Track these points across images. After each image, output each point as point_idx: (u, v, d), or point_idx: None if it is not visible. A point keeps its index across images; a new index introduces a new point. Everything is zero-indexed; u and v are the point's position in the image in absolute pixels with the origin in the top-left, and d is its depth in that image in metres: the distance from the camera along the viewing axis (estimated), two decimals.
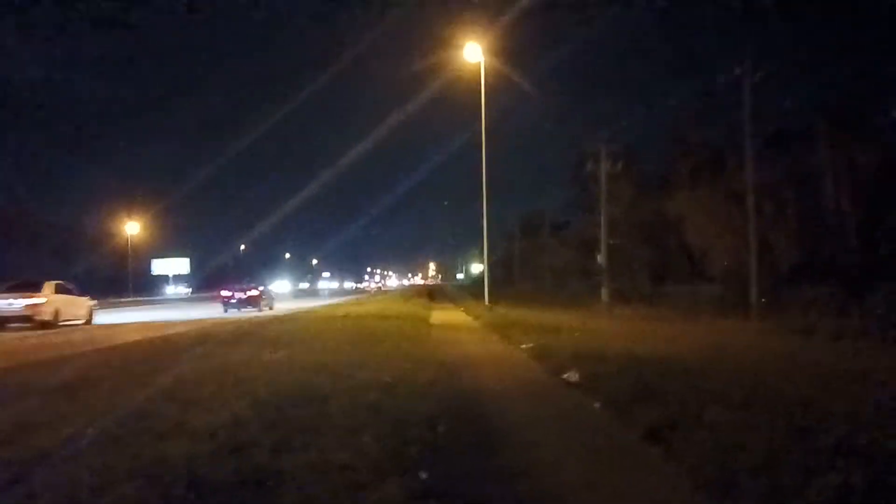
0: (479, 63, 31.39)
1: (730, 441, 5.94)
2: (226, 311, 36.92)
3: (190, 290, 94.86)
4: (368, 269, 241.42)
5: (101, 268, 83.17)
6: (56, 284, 27.02)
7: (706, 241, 32.40)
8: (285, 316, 28.52)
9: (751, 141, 25.12)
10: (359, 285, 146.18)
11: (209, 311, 36.93)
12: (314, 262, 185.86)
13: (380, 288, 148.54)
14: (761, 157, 25.96)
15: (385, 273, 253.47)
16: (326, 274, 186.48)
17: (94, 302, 30.18)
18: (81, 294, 29.11)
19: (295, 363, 11.39)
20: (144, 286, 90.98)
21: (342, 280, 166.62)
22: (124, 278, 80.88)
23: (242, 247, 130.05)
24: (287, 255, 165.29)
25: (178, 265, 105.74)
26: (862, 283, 23.09)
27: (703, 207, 31.73)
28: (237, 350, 13.37)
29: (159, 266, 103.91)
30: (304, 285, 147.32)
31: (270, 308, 39.59)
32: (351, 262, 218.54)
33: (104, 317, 30.87)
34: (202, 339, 16.34)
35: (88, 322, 28.22)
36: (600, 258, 36.21)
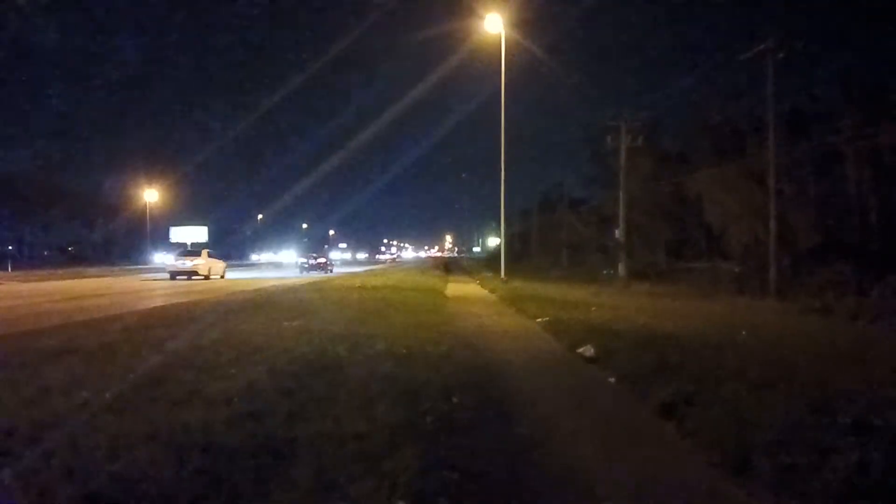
0: (500, 34, 31.16)
1: (745, 418, 5.93)
2: (301, 273, 50.95)
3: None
4: (385, 241, 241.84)
5: (119, 234, 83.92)
6: (208, 252, 40.89)
7: (725, 219, 32.18)
8: (309, 284, 28.68)
9: (774, 119, 24.83)
10: (373, 256, 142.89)
11: (285, 273, 50.46)
12: (331, 232, 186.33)
13: (394, 260, 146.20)
14: (783, 137, 25.68)
15: (401, 245, 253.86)
16: (343, 245, 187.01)
17: (226, 263, 44.44)
18: (220, 258, 43.01)
19: (312, 332, 11.47)
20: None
21: (355, 251, 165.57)
22: (142, 245, 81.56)
23: (260, 217, 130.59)
24: (304, 226, 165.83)
25: (196, 233, 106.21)
26: (881, 264, 22.91)
27: (723, 185, 31.45)
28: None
29: (177, 234, 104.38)
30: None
31: (331, 272, 53.10)
32: (368, 234, 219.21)
33: None
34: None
35: (223, 276, 41.30)
36: (618, 233, 36.08)
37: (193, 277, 38.14)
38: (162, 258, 77.74)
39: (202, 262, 39.05)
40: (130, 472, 4.50)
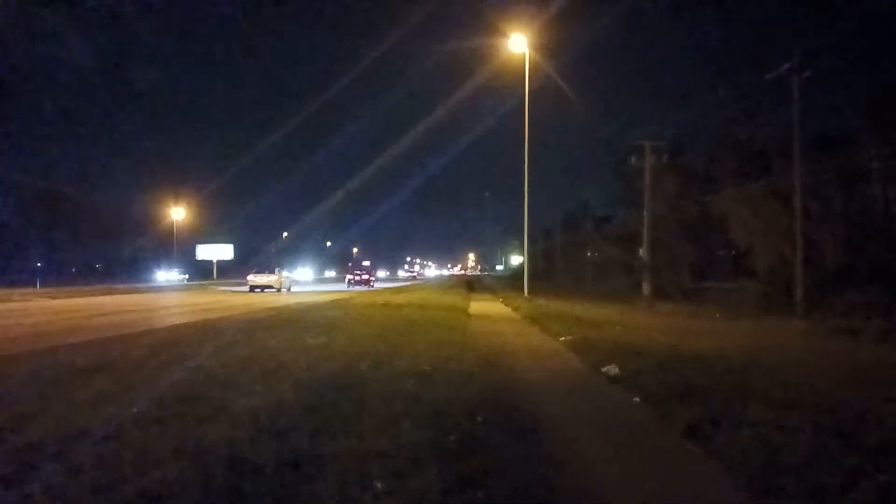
0: (524, 54, 31.29)
1: (772, 440, 5.88)
2: (348, 286, 59.88)
3: (186, 276, 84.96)
4: (408, 259, 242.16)
5: (146, 251, 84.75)
6: (279, 269, 51.88)
7: (750, 238, 31.96)
8: (332, 302, 28.80)
9: (799, 138, 24.69)
10: (393, 273, 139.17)
11: (334, 287, 60.62)
12: (354, 250, 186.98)
13: (414, 277, 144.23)
14: (808, 157, 25.52)
15: (424, 263, 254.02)
16: (366, 262, 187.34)
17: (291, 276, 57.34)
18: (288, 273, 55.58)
19: (335, 349, 11.52)
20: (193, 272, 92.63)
21: (374, 269, 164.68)
22: (170, 262, 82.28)
23: (285, 234, 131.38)
24: (328, 244, 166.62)
25: (222, 251, 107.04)
26: None
27: (748, 205, 31.27)
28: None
29: (203, 251, 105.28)
30: (331, 273, 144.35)
31: (373, 286, 61.93)
32: (391, 252, 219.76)
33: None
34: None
35: (289, 290, 49.53)
36: (642, 252, 35.91)
37: (266, 290, 46.80)
38: (165, 275, 78.12)
39: (276, 278, 48.88)
40: (157, 487, 4.56)
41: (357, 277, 64.79)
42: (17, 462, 5.07)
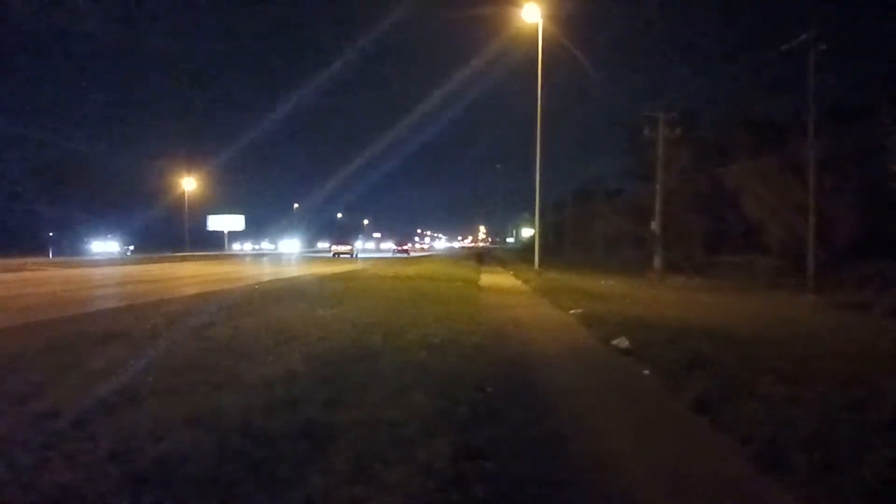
0: (537, 24, 31.03)
1: (780, 413, 5.91)
2: (393, 254, 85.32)
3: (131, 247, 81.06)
4: (419, 231, 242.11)
5: (157, 221, 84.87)
6: (353, 241, 78.45)
7: (763, 212, 31.74)
8: (351, 272, 28.87)
9: (814, 111, 24.45)
10: (400, 247, 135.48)
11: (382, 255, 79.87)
12: (365, 222, 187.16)
13: (405, 251, 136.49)
14: (823, 131, 25.26)
15: (435, 235, 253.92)
16: (377, 234, 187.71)
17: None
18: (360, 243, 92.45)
19: (346, 321, 11.60)
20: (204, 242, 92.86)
21: (379, 242, 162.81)
22: (179, 232, 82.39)
23: (296, 206, 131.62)
24: (339, 215, 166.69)
25: (233, 222, 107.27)
26: None
27: (761, 179, 31.01)
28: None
29: (214, 222, 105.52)
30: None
31: (408, 254, 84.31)
32: (402, 224, 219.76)
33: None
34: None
35: (357, 256, 67.56)
36: (654, 225, 35.73)
37: (342, 256, 65.62)
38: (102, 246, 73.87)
39: (349, 247, 70.88)
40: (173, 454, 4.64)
41: (399, 248, 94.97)
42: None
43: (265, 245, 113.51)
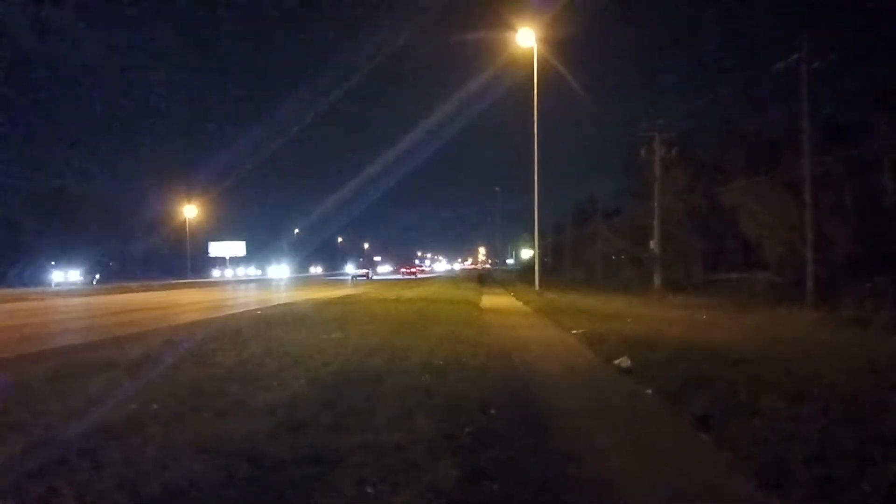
0: (532, 49, 31.30)
1: (782, 430, 5.95)
2: (402, 276, 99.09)
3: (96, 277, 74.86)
4: (418, 253, 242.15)
5: (159, 249, 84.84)
6: (371, 266, 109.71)
7: (761, 230, 31.83)
8: (337, 299, 28.92)
9: (808, 128, 24.62)
10: (397, 270, 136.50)
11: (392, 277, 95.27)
12: (366, 245, 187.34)
13: (413, 273, 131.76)
14: (818, 148, 25.40)
15: (435, 257, 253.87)
16: (377, 258, 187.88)
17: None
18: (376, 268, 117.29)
19: (349, 345, 11.65)
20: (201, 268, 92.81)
21: (375, 266, 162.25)
22: (182, 259, 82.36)
23: (296, 230, 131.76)
24: (340, 240, 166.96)
25: (234, 248, 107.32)
26: None
27: (758, 196, 31.13)
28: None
29: (216, 248, 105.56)
30: (318, 269, 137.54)
31: (417, 277, 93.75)
32: (402, 246, 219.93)
33: None
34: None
35: (371, 278, 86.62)
36: (653, 245, 35.83)
37: (360, 279, 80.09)
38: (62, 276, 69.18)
39: (366, 270, 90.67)
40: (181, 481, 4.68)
41: (407, 271, 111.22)
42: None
43: (250, 271, 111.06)
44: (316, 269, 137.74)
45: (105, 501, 4.39)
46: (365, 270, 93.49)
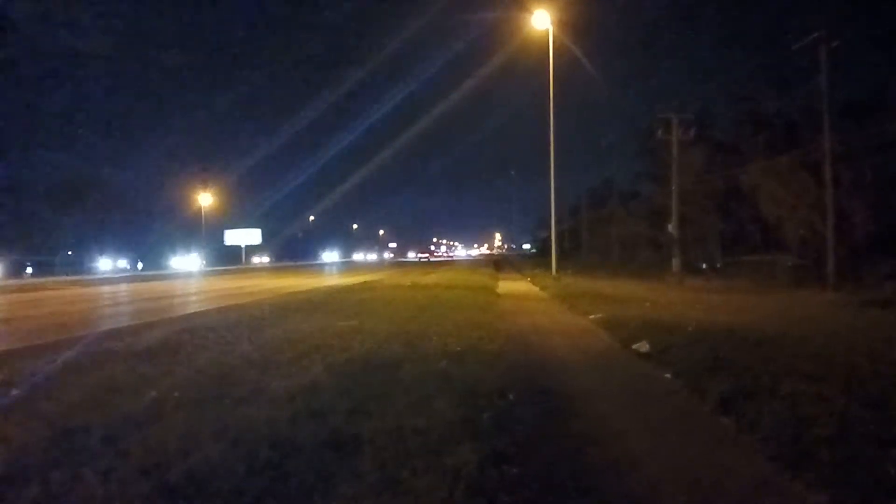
0: (547, 31, 31.11)
1: (803, 412, 5.91)
2: (418, 260, 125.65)
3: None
4: (434, 240, 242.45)
5: (174, 237, 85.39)
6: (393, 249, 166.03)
7: (780, 211, 31.61)
8: (373, 282, 29.01)
9: (828, 108, 24.38)
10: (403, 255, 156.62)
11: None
12: (381, 232, 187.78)
13: (427, 258, 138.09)
14: (838, 127, 25.17)
15: (451, 243, 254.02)
16: (393, 244, 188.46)
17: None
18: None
19: (368, 332, 11.68)
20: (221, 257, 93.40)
21: (381, 253, 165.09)
22: (200, 246, 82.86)
23: (312, 218, 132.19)
24: (355, 226, 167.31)
25: (250, 236, 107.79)
26: None
27: (777, 177, 30.90)
28: None
29: (232, 237, 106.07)
30: (360, 255, 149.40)
31: (430, 260, 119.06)
32: (418, 233, 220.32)
33: None
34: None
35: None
36: (671, 227, 35.61)
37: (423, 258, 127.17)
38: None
39: (429, 255, 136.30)
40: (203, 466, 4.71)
41: (422, 256, 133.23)
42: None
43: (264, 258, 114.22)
44: (359, 255, 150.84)
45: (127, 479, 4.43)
46: (424, 255, 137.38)
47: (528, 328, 13.83)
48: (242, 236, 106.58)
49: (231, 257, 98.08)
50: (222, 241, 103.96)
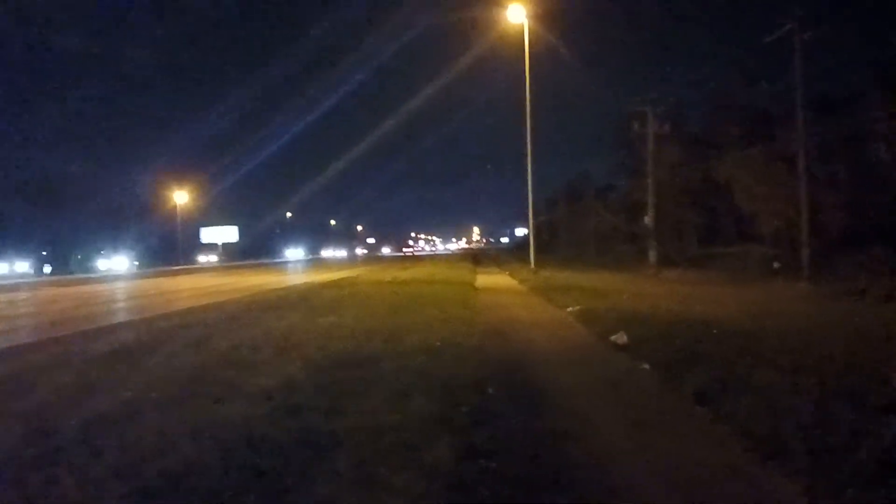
0: (523, 25, 31.11)
1: (778, 403, 5.96)
2: (404, 254, 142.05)
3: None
4: (412, 234, 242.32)
5: (150, 234, 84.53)
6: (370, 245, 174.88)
7: (755, 203, 31.82)
8: (345, 279, 28.90)
9: (802, 100, 24.56)
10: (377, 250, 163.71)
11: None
12: (359, 228, 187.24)
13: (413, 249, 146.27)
14: (812, 120, 25.37)
15: (429, 238, 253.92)
16: (371, 240, 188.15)
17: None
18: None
19: (345, 327, 11.64)
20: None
21: (351, 248, 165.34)
22: (173, 245, 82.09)
23: (289, 214, 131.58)
24: (333, 222, 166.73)
25: (226, 233, 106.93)
26: None
27: (752, 170, 31.08)
28: None
29: (208, 234, 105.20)
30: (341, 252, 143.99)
31: (414, 253, 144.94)
32: (395, 228, 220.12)
33: None
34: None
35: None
36: (647, 220, 35.77)
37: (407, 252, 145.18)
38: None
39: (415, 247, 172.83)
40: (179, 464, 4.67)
41: (409, 250, 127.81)
42: None
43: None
44: (340, 251, 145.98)
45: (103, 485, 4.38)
46: (410, 250, 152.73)
47: (507, 322, 13.85)
48: (219, 233, 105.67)
49: (172, 256, 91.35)
50: (198, 238, 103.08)
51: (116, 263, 77.29)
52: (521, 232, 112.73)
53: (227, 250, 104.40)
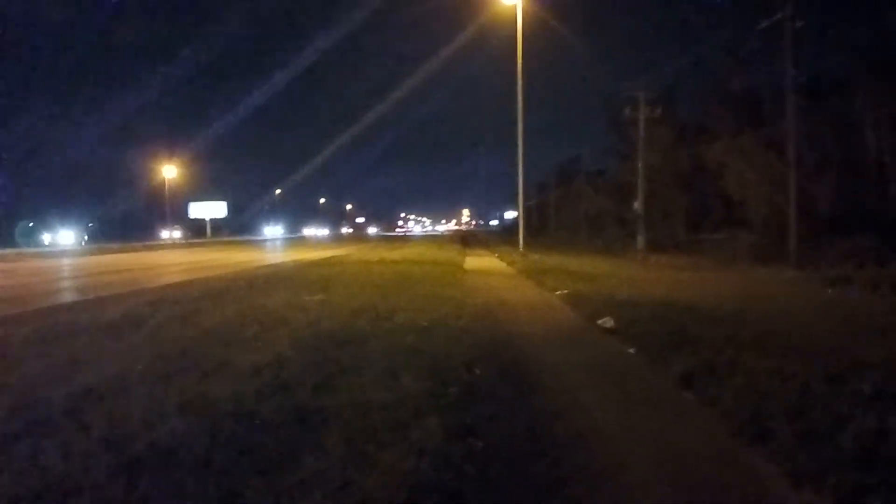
0: (515, 5, 31.01)
1: (764, 387, 6.02)
2: (395, 233, 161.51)
3: None
4: (402, 215, 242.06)
5: (137, 209, 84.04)
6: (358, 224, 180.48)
7: (745, 189, 31.94)
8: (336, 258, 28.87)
9: (793, 87, 24.59)
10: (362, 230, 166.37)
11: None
12: (348, 207, 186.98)
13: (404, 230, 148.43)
14: (802, 107, 25.42)
15: (418, 219, 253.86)
16: (360, 219, 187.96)
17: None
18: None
19: (335, 307, 11.65)
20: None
21: (339, 227, 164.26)
22: (155, 221, 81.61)
23: (278, 191, 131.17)
24: (322, 200, 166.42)
25: (215, 209, 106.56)
26: None
27: (742, 155, 31.20)
28: None
29: (196, 210, 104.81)
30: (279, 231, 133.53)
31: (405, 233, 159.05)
32: (385, 208, 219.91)
33: None
34: None
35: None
36: (637, 204, 35.84)
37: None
38: None
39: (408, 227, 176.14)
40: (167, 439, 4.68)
41: (399, 229, 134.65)
42: None
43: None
44: (324, 231, 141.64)
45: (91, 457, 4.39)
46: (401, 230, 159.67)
47: (495, 304, 13.87)
48: (207, 209, 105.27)
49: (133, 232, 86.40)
50: (187, 213, 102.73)
51: (62, 238, 71.35)
52: (510, 215, 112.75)
53: (214, 226, 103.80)
